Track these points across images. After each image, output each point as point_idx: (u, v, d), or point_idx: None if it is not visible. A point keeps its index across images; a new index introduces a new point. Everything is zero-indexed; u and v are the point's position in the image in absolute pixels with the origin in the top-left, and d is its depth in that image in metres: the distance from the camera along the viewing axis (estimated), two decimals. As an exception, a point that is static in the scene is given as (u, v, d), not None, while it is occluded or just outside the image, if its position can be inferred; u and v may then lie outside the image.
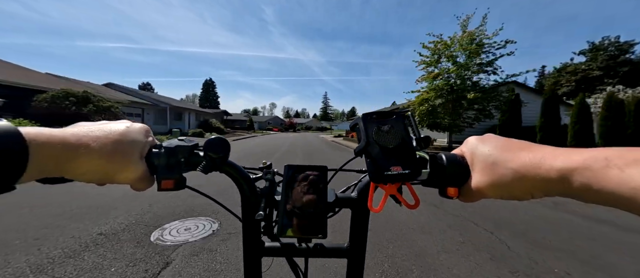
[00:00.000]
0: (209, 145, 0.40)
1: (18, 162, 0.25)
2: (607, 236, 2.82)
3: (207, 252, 2.26)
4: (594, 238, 2.76)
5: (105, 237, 2.48)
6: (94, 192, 3.77)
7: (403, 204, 0.39)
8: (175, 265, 2.05)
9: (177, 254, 2.21)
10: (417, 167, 0.37)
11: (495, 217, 3.29)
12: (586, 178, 0.24)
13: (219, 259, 2.16)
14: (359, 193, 0.47)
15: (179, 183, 0.39)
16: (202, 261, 2.12)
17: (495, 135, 0.37)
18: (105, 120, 0.37)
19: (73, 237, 2.44)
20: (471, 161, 0.37)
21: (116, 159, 0.33)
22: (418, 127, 0.40)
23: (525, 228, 2.98)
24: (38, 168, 0.27)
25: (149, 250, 2.26)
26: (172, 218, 2.97)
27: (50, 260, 2.05)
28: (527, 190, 0.30)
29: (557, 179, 0.27)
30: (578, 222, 3.25)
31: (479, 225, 3.02)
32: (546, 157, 0.28)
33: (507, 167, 0.31)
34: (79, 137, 0.31)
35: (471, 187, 0.36)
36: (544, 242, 2.62)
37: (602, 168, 0.24)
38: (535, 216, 3.41)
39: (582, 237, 2.79)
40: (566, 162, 0.26)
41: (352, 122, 0.41)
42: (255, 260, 0.48)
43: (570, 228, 3.04)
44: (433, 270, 2.06)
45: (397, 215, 3.17)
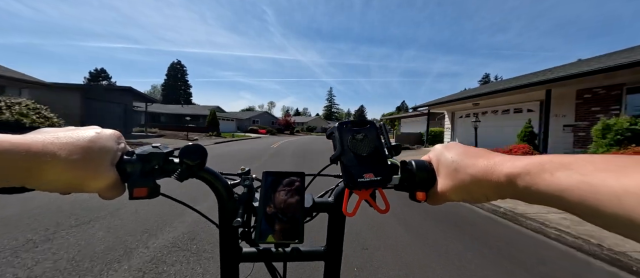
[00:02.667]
0: (185, 152, 0.40)
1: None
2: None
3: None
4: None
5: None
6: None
7: (375, 209, 0.41)
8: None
9: None
10: (389, 174, 0.39)
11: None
12: (526, 182, 0.27)
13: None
14: (335, 198, 0.48)
15: (152, 191, 0.38)
16: None
17: (458, 143, 0.40)
18: (72, 126, 0.36)
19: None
20: (437, 167, 0.40)
21: (85, 167, 0.32)
22: (389, 135, 0.43)
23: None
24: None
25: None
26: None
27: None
28: (483, 193, 0.33)
29: (506, 183, 0.29)
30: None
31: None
32: (497, 163, 0.31)
33: (466, 173, 0.34)
34: (44, 144, 0.30)
35: (437, 191, 0.39)
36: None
37: (538, 172, 0.26)
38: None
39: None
40: (512, 167, 0.29)
41: (328, 130, 0.43)
42: (232, 266, 0.47)
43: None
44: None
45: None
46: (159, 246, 2.48)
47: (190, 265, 2.18)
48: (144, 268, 2.11)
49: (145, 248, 2.44)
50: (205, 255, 2.35)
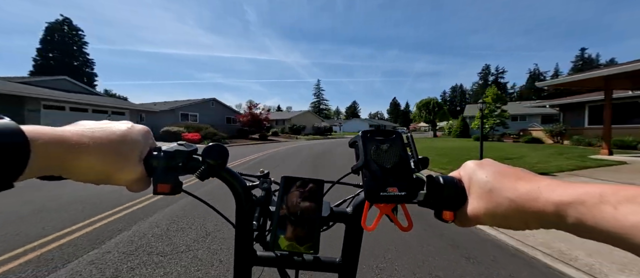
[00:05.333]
0: (208, 152, 0.40)
1: (19, 160, 0.25)
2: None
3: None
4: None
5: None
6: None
7: (396, 225, 0.39)
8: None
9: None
10: (414, 189, 0.37)
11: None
12: (580, 213, 0.24)
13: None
14: (354, 209, 0.46)
15: (175, 187, 0.39)
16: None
17: (493, 161, 0.36)
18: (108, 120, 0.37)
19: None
20: (468, 186, 0.36)
21: (115, 161, 0.34)
22: (416, 147, 0.40)
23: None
24: (38, 167, 0.27)
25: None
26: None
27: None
28: (522, 221, 0.30)
29: (553, 213, 0.26)
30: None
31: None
32: (543, 189, 0.28)
33: (503, 196, 0.31)
34: (79, 136, 0.31)
35: (467, 213, 0.35)
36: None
37: (596, 204, 0.23)
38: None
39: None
40: (562, 195, 0.26)
41: (351, 139, 0.42)
42: (245, 268, 0.47)
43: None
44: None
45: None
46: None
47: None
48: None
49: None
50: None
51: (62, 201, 4.17)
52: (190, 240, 2.85)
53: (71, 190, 4.65)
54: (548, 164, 7.71)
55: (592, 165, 7.53)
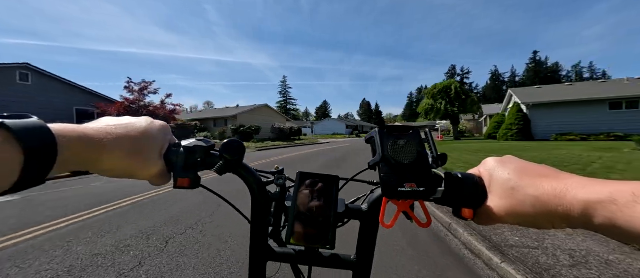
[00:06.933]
0: (225, 148, 0.41)
1: (49, 157, 0.26)
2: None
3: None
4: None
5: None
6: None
7: (415, 222, 0.38)
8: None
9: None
10: (432, 185, 0.36)
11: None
12: (610, 213, 0.23)
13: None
14: (369, 206, 0.45)
15: (194, 182, 0.40)
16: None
17: (515, 157, 0.35)
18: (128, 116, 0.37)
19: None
20: (489, 183, 0.35)
21: (136, 157, 0.34)
22: (436, 144, 0.39)
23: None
24: (65, 164, 0.28)
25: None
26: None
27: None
28: (548, 220, 0.29)
29: (580, 212, 0.25)
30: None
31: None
32: (570, 186, 0.27)
33: (526, 194, 0.30)
34: (102, 134, 0.32)
35: (488, 211, 0.34)
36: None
37: (629, 203, 0.22)
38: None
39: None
40: (591, 193, 0.25)
41: (367, 135, 0.42)
42: (260, 263, 0.47)
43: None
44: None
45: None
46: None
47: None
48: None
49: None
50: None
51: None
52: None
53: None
54: None
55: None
